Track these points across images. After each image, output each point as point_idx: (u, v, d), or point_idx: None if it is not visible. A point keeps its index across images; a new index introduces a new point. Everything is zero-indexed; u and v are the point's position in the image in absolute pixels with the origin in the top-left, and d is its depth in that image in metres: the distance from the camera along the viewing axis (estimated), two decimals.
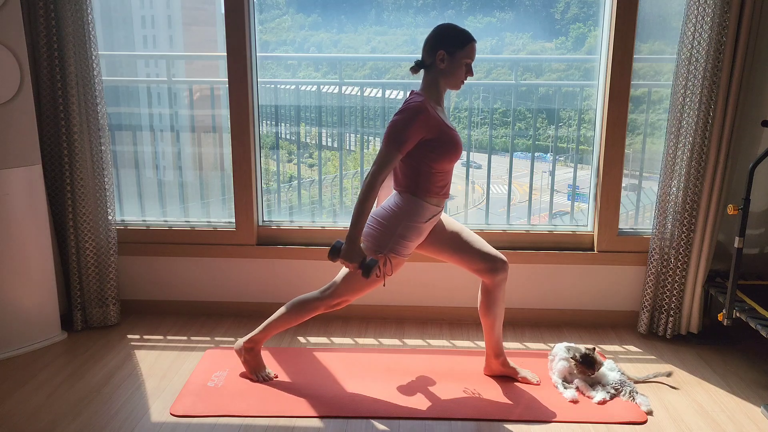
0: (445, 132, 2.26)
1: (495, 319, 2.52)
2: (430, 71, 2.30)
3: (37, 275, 2.86)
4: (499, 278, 2.45)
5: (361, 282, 2.37)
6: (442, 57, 2.25)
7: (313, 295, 2.48)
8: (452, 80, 2.30)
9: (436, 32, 2.29)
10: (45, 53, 2.83)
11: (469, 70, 2.30)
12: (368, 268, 2.20)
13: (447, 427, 2.31)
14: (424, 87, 2.31)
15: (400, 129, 2.20)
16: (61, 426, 2.28)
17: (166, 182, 3.39)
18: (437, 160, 2.27)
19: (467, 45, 2.27)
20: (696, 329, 3.00)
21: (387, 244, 2.31)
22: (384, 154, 2.21)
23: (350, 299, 2.46)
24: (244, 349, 2.58)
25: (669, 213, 2.94)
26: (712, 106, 2.77)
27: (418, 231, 2.34)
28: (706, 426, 2.33)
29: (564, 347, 2.62)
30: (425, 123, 2.21)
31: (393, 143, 2.20)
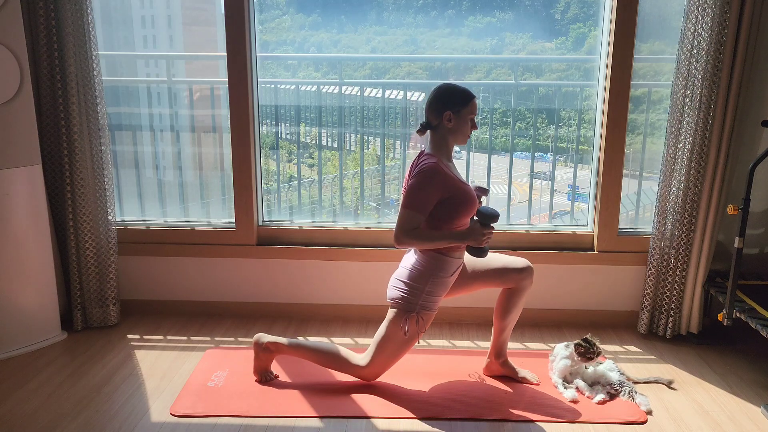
0: (460, 189, 2.34)
1: (508, 324, 2.55)
2: (437, 131, 2.37)
3: (37, 275, 2.86)
4: (525, 282, 2.51)
5: (394, 346, 2.43)
6: (449, 117, 2.33)
7: (356, 361, 2.50)
8: (460, 136, 2.38)
9: (439, 95, 2.36)
10: (45, 53, 2.83)
11: (473, 124, 2.39)
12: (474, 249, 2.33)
13: (447, 427, 2.31)
14: (434, 147, 2.38)
15: (418, 192, 2.29)
16: (61, 426, 2.28)
17: (166, 182, 3.39)
18: (455, 216, 2.35)
19: (470, 102, 2.35)
20: (696, 329, 3.00)
21: (417, 303, 2.39)
22: (405, 215, 2.30)
23: (386, 368, 2.50)
24: (263, 346, 2.56)
25: (669, 213, 2.94)
26: (712, 106, 2.77)
27: (445, 285, 2.43)
28: (706, 426, 2.33)
29: (564, 346, 2.62)
30: (441, 184, 2.30)
31: (414, 207, 2.29)
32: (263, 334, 2.59)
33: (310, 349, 2.54)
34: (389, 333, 2.42)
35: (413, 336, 2.42)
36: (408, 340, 2.42)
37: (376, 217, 3.37)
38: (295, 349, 2.54)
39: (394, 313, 2.43)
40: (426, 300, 2.40)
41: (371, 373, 2.50)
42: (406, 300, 2.41)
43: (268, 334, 2.59)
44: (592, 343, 2.51)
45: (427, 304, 2.40)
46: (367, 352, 2.50)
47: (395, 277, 2.47)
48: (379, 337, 2.46)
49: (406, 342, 2.43)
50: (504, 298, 2.53)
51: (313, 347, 2.54)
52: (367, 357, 2.48)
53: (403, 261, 2.50)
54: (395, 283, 2.46)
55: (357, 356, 2.51)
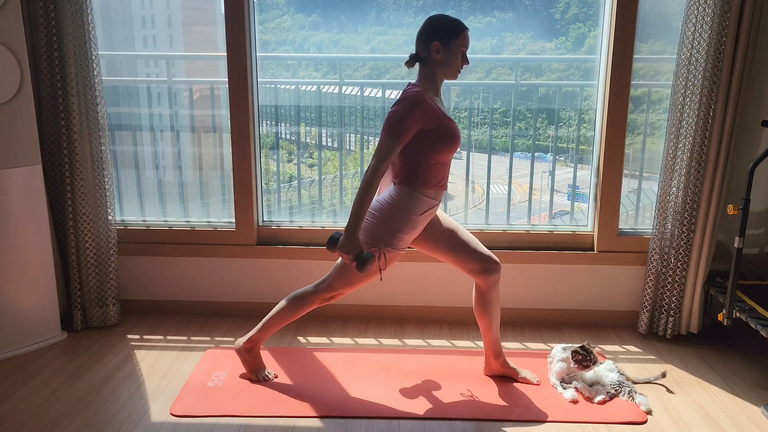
0: (443, 122, 2.26)
1: (491, 320, 2.52)
2: (426, 64, 2.29)
3: (37, 275, 2.86)
4: (491, 279, 2.45)
5: (356, 275, 2.36)
6: (437, 48, 2.24)
7: (307, 290, 2.48)
8: (449, 70, 2.29)
9: (428, 24, 2.29)
10: (45, 53, 2.83)
11: (464, 58, 2.29)
12: (363, 262, 2.19)
13: (447, 427, 2.31)
14: (421, 79, 2.31)
15: (398, 119, 2.19)
16: (61, 426, 2.28)
17: (166, 182, 3.39)
18: (435, 151, 2.27)
19: (461, 33, 2.26)
20: (696, 329, 3.00)
21: (382, 238, 2.30)
22: (383, 145, 2.20)
23: (345, 292, 2.45)
24: (243, 349, 2.57)
25: (669, 213, 2.94)
26: (712, 106, 2.77)
27: (413, 224, 2.33)
28: (706, 426, 2.33)
29: (561, 348, 2.62)
30: (424, 113, 2.20)
31: (392, 134, 2.19)
32: (239, 339, 2.61)
33: (273, 318, 2.52)
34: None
35: (373, 270, 2.29)
36: (368, 274, 2.28)
37: None
38: (264, 330, 2.53)
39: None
40: (392, 236, 2.29)
41: (328, 297, 2.44)
42: (370, 232, 2.29)
43: (242, 336, 2.61)
44: (590, 351, 2.50)
45: (393, 241, 2.30)
46: (323, 277, 2.45)
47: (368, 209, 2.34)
48: (340, 263, 2.39)
49: (365, 275, 2.32)
50: (476, 296, 2.50)
51: (273, 313, 2.52)
52: (324, 281, 2.44)
53: (380, 194, 2.41)
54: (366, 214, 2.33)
55: (308, 286, 2.48)
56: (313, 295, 2.47)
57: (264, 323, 2.55)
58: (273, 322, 2.53)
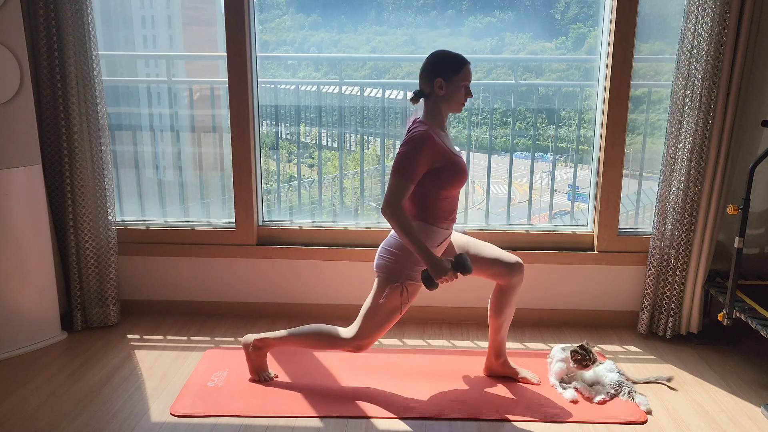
0: (450, 159, 2.29)
1: (504, 322, 2.54)
2: (430, 99, 2.32)
3: (37, 275, 2.86)
4: (515, 279, 2.48)
5: (380, 316, 2.37)
6: (440, 84, 2.27)
7: (342, 334, 2.45)
8: (453, 104, 2.32)
9: (430, 61, 2.32)
10: (45, 53, 2.83)
11: (467, 91, 2.32)
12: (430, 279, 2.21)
13: (447, 427, 2.31)
14: (427, 115, 2.34)
15: (407, 160, 2.23)
16: (61, 426, 2.28)
17: (166, 182, 3.39)
18: (444, 187, 2.31)
19: (463, 68, 2.29)
20: (696, 329, 3.00)
21: (402, 273, 2.33)
22: (394, 185, 2.23)
23: (374, 338, 2.43)
24: (252, 346, 2.56)
25: (669, 213, 2.94)
26: (712, 106, 2.77)
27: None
28: (706, 426, 2.33)
29: (560, 348, 2.62)
30: (431, 152, 2.24)
31: (403, 175, 2.23)
32: (249, 335, 2.59)
33: (296, 336, 2.50)
34: (375, 302, 2.36)
35: (398, 307, 2.35)
36: (393, 310, 2.35)
37: (376, 217, 3.37)
38: (282, 340, 2.51)
39: (379, 282, 2.37)
40: (412, 269, 2.33)
41: (359, 345, 2.43)
42: (390, 269, 2.34)
43: (254, 333, 2.59)
44: (589, 350, 2.50)
45: (412, 274, 2.33)
46: (354, 323, 2.44)
47: (382, 245, 2.40)
48: (366, 308, 2.40)
49: (391, 312, 2.36)
50: (496, 296, 2.52)
51: (298, 333, 2.50)
52: (354, 328, 2.42)
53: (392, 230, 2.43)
54: (382, 252, 2.38)
55: (343, 330, 2.46)
56: (346, 343, 2.44)
57: (284, 336, 2.51)
58: (293, 341, 2.51)
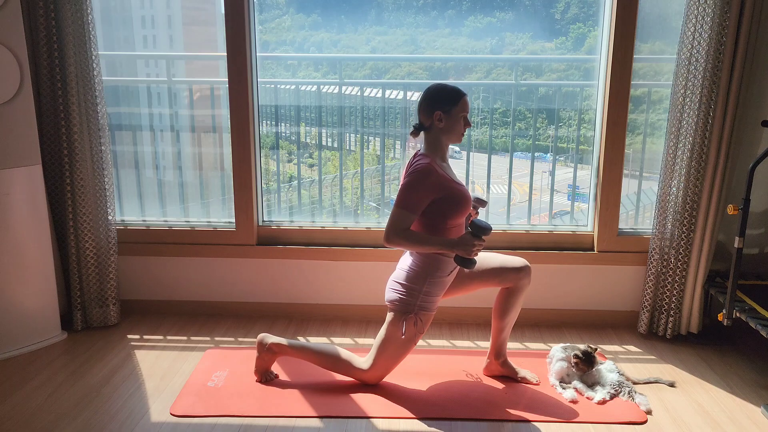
0: (454, 189, 2.34)
1: (507, 323, 2.55)
2: (430, 132, 2.37)
3: (37, 275, 2.86)
4: (523, 282, 2.51)
5: (395, 349, 2.43)
6: (440, 117, 2.33)
7: (358, 364, 2.50)
8: (453, 135, 2.37)
9: (428, 95, 2.36)
10: (45, 53, 2.83)
11: (466, 122, 2.37)
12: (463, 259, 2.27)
13: (447, 427, 2.31)
14: (428, 147, 2.39)
15: (410, 193, 2.29)
16: (61, 426, 2.28)
17: (166, 182, 3.39)
18: (450, 216, 2.35)
19: (460, 100, 2.34)
20: (696, 329, 3.00)
21: (415, 304, 2.39)
22: (396, 214, 2.30)
23: (388, 370, 2.49)
24: (268, 348, 2.56)
25: (669, 213, 2.94)
26: (712, 106, 2.77)
27: (442, 285, 2.43)
28: (706, 426, 2.33)
29: (560, 348, 2.62)
30: (434, 184, 2.29)
31: (405, 206, 2.29)
32: (267, 335, 2.59)
33: (313, 352, 2.54)
34: (389, 335, 2.43)
35: (413, 337, 2.42)
36: (408, 341, 2.42)
37: (376, 217, 3.37)
38: (298, 352, 2.54)
39: (392, 316, 2.43)
40: (424, 300, 2.40)
41: (374, 377, 2.50)
42: (403, 302, 2.41)
43: (272, 335, 2.59)
44: (591, 356, 2.51)
45: (425, 305, 2.41)
46: (368, 355, 2.51)
47: (392, 279, 2.48)
48: (380, 340, 2.46)
49: (406, 343, 2.43)
50: (502, 297, 2.53)
51: (316, 350, 2.54)
52: (369, 360, 2.49)
53: (400, 262, 2.51)
54: (392, 285, 2.46)
55: (359, 359, 2.51)
56: (360, 373, 2.50)
57: (302, 348, 2.54)
58: (309, 356, 2.54)
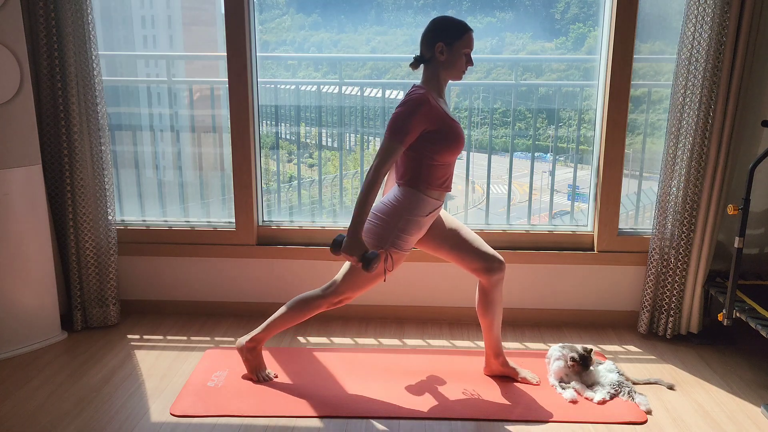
0: (447, 123, 2.26)
1: (493, 320, 2.52)
2: (430, 65, 2.29)
3: (37, 275, 2.86)
4: (495, 278, 2.45)
5: (362, 278, 2.36)
6: (441, 49, 2.25)
7: (314, 293, 2.47)
8: (453, 71, 2.29)
9: (432, 26, 2.29)
10: (45, 53, 2.83)
11: (468, 59, 2.29)
12: (368, 261, 2.18)
13: (447, 427, 2.31)
14: (425, 80, 2.31)
15: (402, 120, 2.20)
16: (61, 426, 2.28)
17: (166, 182, 3.39)
18: (439, 152, 2.27)
19: (465, 35, 2.26)
20: (696, 329, 3.00)
21: (388, 239, 2.30)
22: (386, 146, 2.20)
23: (352, 296, 2.44)
24: (245, 348, 2.57)
25: (669, 213, 2.94)
26: (712, 106, 2.77)
27: (418, 225, 2.33)
28: (706, 426, 2.33)
29: (558, 347, 2.62)
30: (427, 114, 2.21)
31: (395, 135, 2.20)
32: (240, 338, 2.61)
33: (278, 319, 2.51)
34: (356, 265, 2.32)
35: (381, 273, 2.32)
36: (374, 276, 2.33)
37: None
38: (268, 330, 2.53)
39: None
40: (398, 237, 2.30)
41: (337, 300, 2.42)
42: (375, 234, 2.31)
43: (244, 335, 2.60)
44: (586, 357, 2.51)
45: (398, 242, 2.31)
46: (332, 280, 2.44)
47: (372, 210, 2.32)
48: (347, 267, 2.39)
49: (372, 278, 2.35)
50: (480, 295, 2.51)
51: (279, 315, 2.51)
52: (332, 285, 2.42)
53: (384, 196, 2.42)
54: (370, 216, 2.33)
55: (315, 290, 2.46)
56: (321, 299, 2.45)
57: (268, 324, 2.54)
58: (277, 324, 2.53)
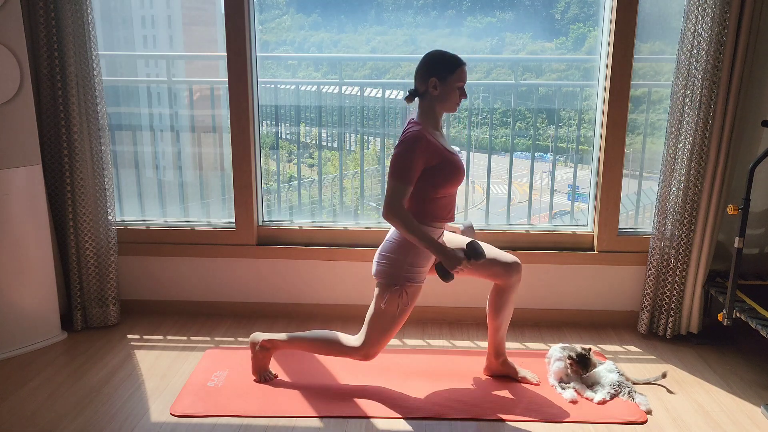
0: (446, 158, 2.29)
1: (502, 322, 2.54)
2: (424, 99, 2.33)
3: (37, 275, 2.86)
4: (514, 279, 2.48)
5: (384, 322, 2.38)
6: (435, 84, 2.28)
7: (351, 343, 2.45)
8: (447, 104, 2.32)
9: (425, 61, 2.32)
10: (45, 53, 2.83)
11: (462, 93, 2.32)
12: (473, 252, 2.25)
13: (447, 427, 2.31)
14: (421, 114, 2.34)
15: (403, 161, 2.24)
16: (61, 426, 2.28)
17: (166, 182, 3.39)
18: (441, 186, 2.31)
19: (457, 69, 2.29)
20: (696, 329, 3.00)
21: (400, 276, 2.34)
22: (393, 187, 2.24)
23: (381, 345, 2.43)
24: (260, 346, 2.56)
25: (669, 213, 2.94)
26: (712, 106, 2.77)
27: (426, 255, 2.37)
28: (706, 426, 2.33)
29: (559, 348, 2.62)
30: (426, 150, 2.24)
31: (400, 177, 2.24)
32: (258, 333, 2.59)
33: (305, 340, 2.51)
34: (377, 309, 2.37)
35: (401, 311, 2.35)
36: (397, 315, 2.36)
37: (376, 217, 3.37)
38: (289, 343, 2.52)
39: (378, 289, 2.38)
40: (409, 272, 2.34)
41: (367, 353, 2.44)
42: (387, 274, 2.35)
43: (263, 333, 2.59)
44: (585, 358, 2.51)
45: (410, 276, 2.34)
46: (360, 332, 2.45)
47: (379, 251, 2.41)
48: (370, 315, 2.41)
49: (395, 317, 2.37)
50: (494, 296, 2.52)
51: (307, 338, 2.51)
52: (361, 337, 2.43)
53: (387, 234, 2.45)
54: (378, 258, 2.39)
55: (351, 338, 2.47)
56: (353, 350, 2.44)
57: (293, 338, 2.52)
58: (302, 345, 2.52)
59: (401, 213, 2.23)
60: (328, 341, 2.49)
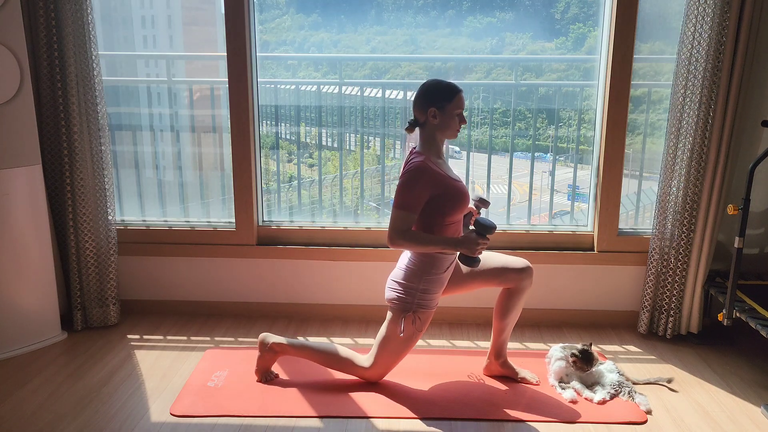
0: (450, 185, 2.33)
1: (508, 324, 2.55)
2: (425, 128, 2.37)
3: (37, 275, 2.86)
4: (525, 283, 2.50)
5: (395, 346, 2.44)
6: (434, 113, 2.32)
7: (360, 362, 2.51)
8: (448, 132, 2.36)
9: (422, 91, 2.36)
10: (45, 53, 2.83)
11: (461, 119, 2.36)
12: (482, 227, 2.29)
13: (447, 427, 2.31)
14: (423, 143, 2.38)
15: (407, 192, 2.29)
16: (61, 426, 2.28)
17: (166, 182, 3.39)
18: (447, 214, 2.34)
19: (455, 97, 2.32)
20: (696, 329, 3.00)
21: (413, 303, 2.39)
22: (396, 215, 2.29)
23: (390, 367, 2.50)
24: (269, 347, 2.56)
25: (669, 213, 2.94)
26: (712, 106, 2.77)
27: (439, 282, 2.42)
28: (706, 426, 2.33)
29: (559, 347, 2.62)
30: (430, 181, 2.29)
31: (403, 206, 2.28)
32: (269, 335, 2.59)
33: (315, 351, 2.54)
34: (389, 334, 2.43)
35: (412, 335, 2.42)
36: (408, 339, 2.43)
37: (376, 217, 3.37)
38: (299, 351, 2.55)
39: (391, 314, 2.44)
40: (422, 299, 2.40)
41: (375, 374, 2.51)
42: (401, 300, 2.41)
43: (274, 335, 2.59)
44: (588, 353, 2.51)
45: (423, 302, 2.40)
46: (370, 353, 2.51)
47: (391, 278, 2.48)
48: (380, 338, 2.47)
49: (406, 342, 2.43)
50: (503, 298, 2.53)
51: (317, 349, 2.55)
52: (371, 358, 2.49)
53: (399, 261, 2.51)
54: (391, 284, 2.46)
55: (361, 357, 2.52)
56: (362, 371, 2.51)
57: (304, 346, 2.55)
58: (312, 355, 2.55)
59: (404, 234, 2.28)
60: (337, 357, 2.53)
